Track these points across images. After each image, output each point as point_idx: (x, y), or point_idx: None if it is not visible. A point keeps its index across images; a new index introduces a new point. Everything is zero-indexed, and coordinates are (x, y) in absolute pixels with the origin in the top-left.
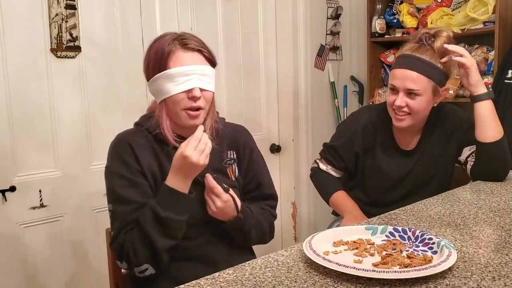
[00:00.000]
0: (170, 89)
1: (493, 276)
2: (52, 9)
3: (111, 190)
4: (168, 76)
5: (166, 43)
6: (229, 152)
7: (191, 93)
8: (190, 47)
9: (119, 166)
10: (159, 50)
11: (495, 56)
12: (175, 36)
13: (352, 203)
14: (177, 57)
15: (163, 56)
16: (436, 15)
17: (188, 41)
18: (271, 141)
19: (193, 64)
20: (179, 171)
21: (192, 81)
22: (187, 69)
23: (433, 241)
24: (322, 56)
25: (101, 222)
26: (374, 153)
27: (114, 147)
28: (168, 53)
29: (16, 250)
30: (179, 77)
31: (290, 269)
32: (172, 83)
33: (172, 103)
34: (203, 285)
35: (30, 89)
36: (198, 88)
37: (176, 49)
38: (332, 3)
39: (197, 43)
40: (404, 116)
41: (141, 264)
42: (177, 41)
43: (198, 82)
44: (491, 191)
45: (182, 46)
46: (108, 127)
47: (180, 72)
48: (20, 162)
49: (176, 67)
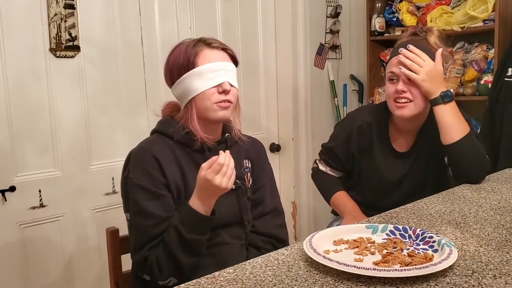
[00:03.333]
0: (200, 85)
1: (494, 274)
2: (51, 9)
3: (134, 202)
4: (197, 73)
5: (190, 45)
6: (246, 160)
7: (222, 87)
8: (215, 46)
9: (143, 179)
10: (183, 52)
11: (495, 54)
12: (197, 39)
13: (352, 204)
14: (205, 55)
15: (190, 55)
16: (436, 13)
17: (211, 41)
18: (271, 140)
19: (220, 60)
20: (202, 192)
21: (221, 76)
22: (216, 65)
23: (434, 239)
24: (321, 54)
25: (100, 222)
26: (369, 154)
27: (138, 159)
28: (195, 52)
29: (16, 249)
30: (208, 73)
31: (290, 268)
32: (201, 80)
33: (202, 99)
34: (204, 284)
35: (29, 89)
36: (227, 82)
37: (202, 48)
38: (331, 2)
39: (220, 43)
40: (406, 103)
41: (166, 279)
42: (201, 42)
43: (226, 77)
44: (492, 189)
45: (207, 45)
46: (107, 126)
47: (209, 68)
48: (19, 162)
49: (205, 64)
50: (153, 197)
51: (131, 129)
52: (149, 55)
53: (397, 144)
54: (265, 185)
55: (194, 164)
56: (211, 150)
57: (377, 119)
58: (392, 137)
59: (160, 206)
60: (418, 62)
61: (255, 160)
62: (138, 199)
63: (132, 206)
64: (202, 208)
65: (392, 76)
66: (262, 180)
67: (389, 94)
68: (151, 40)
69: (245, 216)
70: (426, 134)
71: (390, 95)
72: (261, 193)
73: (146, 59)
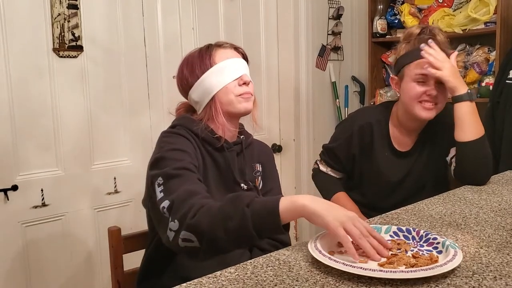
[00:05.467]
0: (221, 80)
1: (494, 276)
2: (54, 9)
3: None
4: (217, 70)
5: (202, 50)
6: (257, 164)
7: (242, 79)
8: (227, 46)
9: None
10: (197, 57)
11: (497, 57)
12: (208, 44)
13: (352, 205)
14: (220, 54)
15: (206, 56)
16: (437, 16)
17: (222, 43)
18: (272, 141)
19: (235, 57)
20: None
21: (240, 69)
22: (233, 61)
23: (438, 240)
24: (323, 56)
25: (102, 221)
26: (370, 154)
27: (172, 134)
28: (210, 53)
29: (18, 249)
30: (227, 68)
31: (291, 268)
32: (222, 75)
33: (225, 93)
34: (205, 283)
35: (32, 89)
36: (246, 74)
37: (216, 49)
38: (333, 3)
39: (231, 44)
40: (434, 106)
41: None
42: (213, 45)
43: (244, 70)
44: (492, 191)
45: (219, 46)
46: (109, 126)
47: (228, 64)
48: (22, 161)
49: (223, 60)
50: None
51: (134, 129)
52: (152, 55)
53: (398, 144)
54: (273, 190)
55: (213, 162)
56: (229, 149)
57: (378, 119)
58: (393, 137)
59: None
60: (436, 62)
61: (265, 165)
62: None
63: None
64: (291, 211)
65: (421, 78)
66: (271, 184)
67: (415, 95)
68: (153, 40)
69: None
70: (428, 133)
71: (416, 96)
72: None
73: (148, 59)
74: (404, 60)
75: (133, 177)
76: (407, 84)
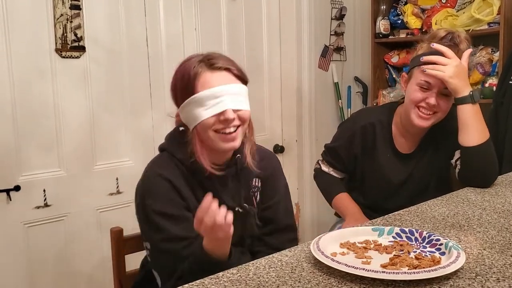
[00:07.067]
0: (199, 114)
1: (498, 278)
2: (57, 9)
3: (158, 229)
4: (197, 101)
5: (191, 66)
6: (255, 179)
7: (223, 115)
8: (217, 66)
9: (162, 204)
10: (185, 74)
11: (500, 57)
12: (201, 58)
13: (354, 206)
14: (205, 80)
15: (190, 80)
16: (441, 16)
17: (214, 61)
18: (275, 142)
19: (222, 84)
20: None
21: (224, 102)
22: (217, 90)
23: (441, 242)
24: (326, 56)
25: (104, 222)
26: (372, 155)
27: (152, 184)
28: (195, 76)
29: (20, 249)
30: (208, 101)
31: (294, 269)
32: (201, 108)
33: (203, 128)
34: (207, 284)
35: (35, 89)
36: (230, 109)
37: (203, 71)
38: (336, 4)
39: (225, 62)
40: (431, 115)
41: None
42: (203, 62)
43: (231, 103)
44: (496, 193)
45: (209, 66)
46: (112, 127)
47: (209, 95)
48: (24, 162)
49: (205, 90)
50: (177, 221)
51: (136, 130)
52: (154, 56)
53: (401, 146)
54: (277, 203)
55: (203, 190)
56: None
57: (381, 120)
58: (395, 139)
59: (186, 228)
60: (441, 62)
61: (266, 178)
62: (163, 225)
63: (157, 234)
64: (215, 250)
65: (425, 84)
66: (274, 198)
67: (414, 99)
68: (156, 40)
69: (247, 239)
70: (431, 136)
71: (414, 100)
72: (273, 211)
73: (151, 60)
74: (416, 60)
75: (135, 178)
76: (411, 86)
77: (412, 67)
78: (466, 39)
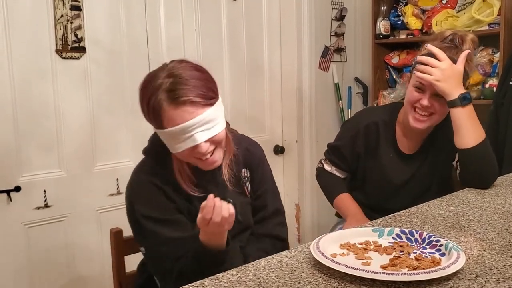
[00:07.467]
0: (173, 146)
1: (498, 279)
2: (57, 10)
3: (150, 234)
4: (167, 135)
5: (155, 95)
6: (244, 170)
7: (197, 149)
8: (182, 100)
9: (151, 210)
10: (149, 104)
11: (500, 58)
12: (164, 84)
13: (355, 207)
14: (169, 117)
15: (155, 113)
16: (441, 17)
17: (177, 93)
18: (275, 143)
19: (189, 119)
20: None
21: (194, 137)
22: (185, 126)
23: (441, 243)
24: (326, 57)
25: (105, 222)
26: (375, 154)
27: (140, 190)
28: (159, 110)
29: (20, 249)
30: (179, 136)
31: (293, 270)
32: (173, 141)
33: (181, 156)
34: (207, 285)
35: (35, 90)
36: (203, 142)
37: (166, 105)
38: (336, 5)
39: (190, 91)
40: (427, 117)
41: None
42: (166, 93)
43: (201, 135)
44: (496, 194)
45: (171, 100)
46: (112, 128)
47: (177, 132)
48: (25, 162)
49: (172, 127)
50: (168, 223)
51: (136, 130)
52: (154, 56)
53: (404, 146)
54: (266, 191)
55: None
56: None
57: (384, 119)
58: (398, 139)
59: (177, 230)
60: (431, 63)
61: (254, 167)
62: (154, 229)
63: (149, 238)
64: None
65: (420, 85)
66: (263, 186)
67: (410, 100)
68: (156, 42)
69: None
70: (434, 137)
71: (410, 101)
72: (263, 199)
73: (151, 60)
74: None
75: None
76: (409, 87)
77: (413, 67)
78: (471, 41)
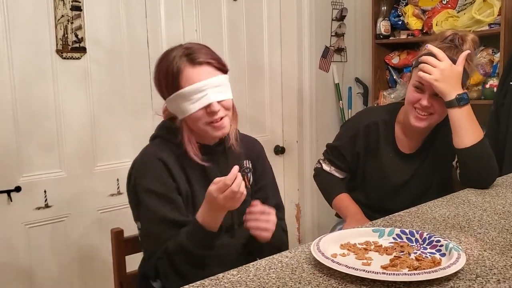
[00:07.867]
0: (187, 108)
1: (498, 279)
2: (57, 11)
3: (145, 208)
4: (182, 96)
5: (174, 61)
6: (246, 161)
7: (209, 108)
8: (199, 61)
9: (153, 183)
10: (168, 70)
11: (501, 58)
12: (182, 52)
13: (355, 207)
14: (188, 75)
15: (173, 75)
16: (441, 17)
17: (195, 55)
18: (275, 143)
19: (205, 79)
20: (209, 206)
21: (208, 96)
22: (200, 85)
23: (441, 243)
24: (326, 57)
25: (105, 222)
26: (375, 154)
27: (144, 163)
28: (178, 73)
29: (21, 250)
30: (193, 95)
31: (294, 270)
32: (188, 102)
33: (193, 121)
34: (207, 285)
35: (36, 90)
36: (215, 102)
37: (185, 67)
38: (337, 5)
39: (205, 55)
40: (427, 116)
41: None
42: (184, 57)
43: (214, 95)
44: (496, 194)
45: (190, 62)
46: (112, 128)
47: (193, 90)
48: (25, 163)
49: (189, 85)
50: (165, 201)
51: (136, 131)
52: (155, 57)
53: (403, 146)
54: (267, 185)
55: (198, 171)
56: (211, 153)
57: (384, 119)
58: (398, 139)
59: (173, 210)
60: (431, 63)
61: (256, 160)
62: (150, 204)
63: (144, 213)
64: (209, 222)
65: (419, 85)
66: (264, 179)
67: (410, 99)
68: (157, 42)
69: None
70: (434, 136)
71: (410, 101)
72: (264, 192)
73: (151, 61)
74: (417, 60)
75: None
76: (409, 86)
77: (414, 67)
78: (472, 41)
